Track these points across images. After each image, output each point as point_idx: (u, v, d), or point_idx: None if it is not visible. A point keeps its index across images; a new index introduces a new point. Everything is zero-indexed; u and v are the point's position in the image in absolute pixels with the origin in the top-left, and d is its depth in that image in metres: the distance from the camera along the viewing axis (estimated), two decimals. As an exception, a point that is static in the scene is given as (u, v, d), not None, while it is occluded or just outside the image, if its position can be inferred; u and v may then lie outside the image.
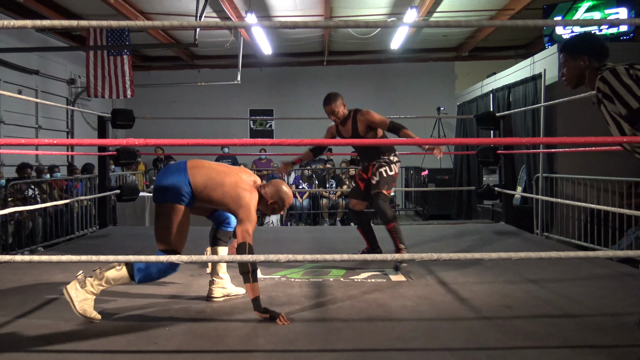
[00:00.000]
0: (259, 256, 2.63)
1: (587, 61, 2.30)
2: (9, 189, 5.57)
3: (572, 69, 2.35)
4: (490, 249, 4.31)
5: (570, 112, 6.34)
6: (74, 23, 2.14)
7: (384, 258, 2.24)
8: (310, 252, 4.29)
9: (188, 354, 2.17)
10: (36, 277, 3.37)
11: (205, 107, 12.06)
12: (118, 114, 5.31)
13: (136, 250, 4.30)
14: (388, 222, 3.76)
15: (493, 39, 10.88)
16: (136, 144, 2.07)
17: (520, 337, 2.30)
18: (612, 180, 5.33)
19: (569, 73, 2.37)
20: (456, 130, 10.86)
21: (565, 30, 7.28)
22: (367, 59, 12.02)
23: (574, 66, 2.34)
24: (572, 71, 2.36)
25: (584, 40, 2.39)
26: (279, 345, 2.24)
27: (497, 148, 5.37)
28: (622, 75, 2.14)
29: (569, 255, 2.69)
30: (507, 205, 5.69)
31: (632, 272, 3.50)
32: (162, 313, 2.67)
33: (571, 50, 2.35)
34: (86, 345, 2.25)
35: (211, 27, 8.01)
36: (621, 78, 2.14)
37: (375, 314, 2.65)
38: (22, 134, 8.66)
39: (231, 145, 2.80)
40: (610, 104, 2.20)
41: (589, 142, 4.79)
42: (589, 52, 2.29)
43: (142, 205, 7.24)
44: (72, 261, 2.17)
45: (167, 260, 2.15)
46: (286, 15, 8.96)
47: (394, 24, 8.71)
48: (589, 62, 2.30)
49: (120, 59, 8.49)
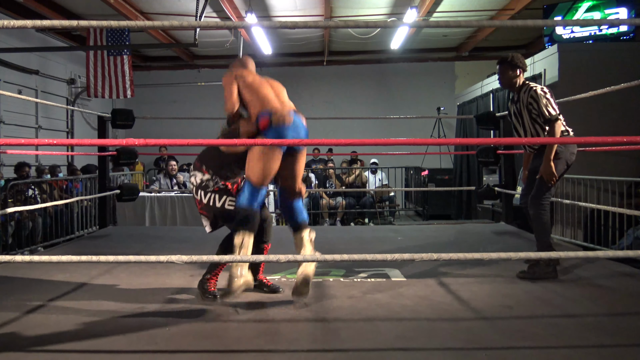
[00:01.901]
0: (259, 256, 2.63)
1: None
2: (9, 190, 5.57)
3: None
4: (490, 249, 4.31)
5: (571, 112, 6.32)
6: (74, 23, 2.14)
7: (384, 258, 2.23)
8: (310, 252, 4.28)
9: (188, 354, 2.17)
10: (36, 277, 3.36)
11: (205, 107, 12.03)
12: (118, 114, 5.31)
13: (136, 250, 4.30)
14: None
15: (493, 39, 10.88)
16: (136, 144, 2.07)
17: (520, 337, 2.30)
18: (612, 180, 5.33)
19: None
20: (456, 130, 10.86)
21: (565, 30, 7.28)
22: (367, 59, 12.01)
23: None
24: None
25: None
26: (279, 345, 2.24)
27: (497, 148, 5.37)
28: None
29: (569, 255, 2.70)
30: (507, 205, 5.68)
31: (632, 272, 3.50)
32: (162, 313, 2.67)
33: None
34: (86, 345, 2.25)
35: (211, 27, 8.02)
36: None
37: (375, 314, 2.65)
38: (22, 134, 8.66)
39: (231, 145, 2.80)
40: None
41: (589, 142, 4.79)
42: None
43: (142, 205, 7.24)
44: (72, 261, 2.18)
45: (169, 259, 2.15)
46: (286, 15, 8.95)
47: (394, 24, 8.71)
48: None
49: (120, 59, 8.49)
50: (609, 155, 6.08)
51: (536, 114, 3.34)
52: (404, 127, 11.74)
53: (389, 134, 11.00)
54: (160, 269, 3.54)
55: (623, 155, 6.13)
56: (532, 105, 3.34)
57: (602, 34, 7.07)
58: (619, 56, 6.57)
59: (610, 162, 6.09)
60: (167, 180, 7.99)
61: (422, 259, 2.21)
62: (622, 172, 5.60)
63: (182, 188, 7.80)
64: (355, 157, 10.22)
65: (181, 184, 7.95)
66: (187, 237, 5.10)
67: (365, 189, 9.25)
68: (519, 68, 3.43)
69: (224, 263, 2.88)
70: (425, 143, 3.53)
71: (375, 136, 10.91)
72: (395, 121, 11.66)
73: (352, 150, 9.92)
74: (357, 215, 9.20)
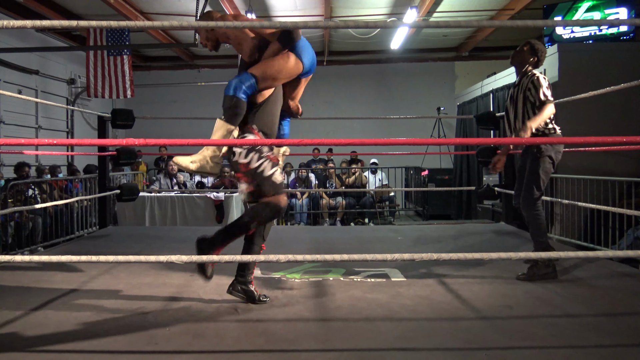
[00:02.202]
0: (259, 256, 2.63)
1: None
2: (9, 190, 5.57)
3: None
4: (490, 249, 4.31)
5: (570, 112, 6.34)
6: (74, 23, 2.14)
7: (384, 258, 2.23)
8: (310, 252, 4.29)
9: (188, 354, 2.17)
10: (36, 277, 3.37)
11: (205, 107, 12.03)
12: (118, 114, 5.31)
13: (136, 250, 4.30)
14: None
15: (493, 39, 10.88)
16: (136, 144, 2.07)
17: (520, 337, 2.30)
18: (612, 180, 5.32)
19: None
20: (456, 130, 10.86)
21: (565, 30, 7.28)
22: (367, 59, 12.01)
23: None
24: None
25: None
26: (279, 345, 2.24)
27: (497, 148, 5.36)
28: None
29: (569, 255, 2.69)
30: (507, 205, 5.68)
31: (632, 272, 3.50)
32: (162, 313, 2.67)
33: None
34: (86, 345, 2.25)
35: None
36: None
37: (375, 314, 2.65)
38: (22, 134, 8.66)
39: (231, 145, 2.80)
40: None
41: (589, 142, 4.79)
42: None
43: (142, 205, 7.24)
44: (72, 261, 2.18)
45: (169, 259, 2.15)
46: (286, 15, 8.96)
47: (394, 24, 8.71)
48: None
49: (120, 59, 8.50)
50: (609, 155, 6.08)
51: (532, 100, 3.40)
52: (404, 127, 11.74)
53: (389, 134, 11.00)
54: (160, 269, 3.54)
55: (623, 155, 6.14)
56: (530, 91, 3.41)
57: (602, 34, 7.07)
58: (619, 56, 6.58)
59: (610, 162, 6.09)
60: (167, 180, 7.99)
61: (422, 259, 2.21)
62: (622, 172, 5.60)
63: (182, 188, 7.80)
64: (355, 157, 10.23)
65: (181, 184, 7.95)
66: (187, 237, 5.08)
67: (365, 189, 9.26)
68: (537, 57, 3.52)
69: (255, 263, 2.83)
70: (425, 143, 3.53)
71: (375, 136, 10.92)
72: (395, 121, 11.66)
73: (352, 150, 9.93)
74: (357, 215, 9.20)
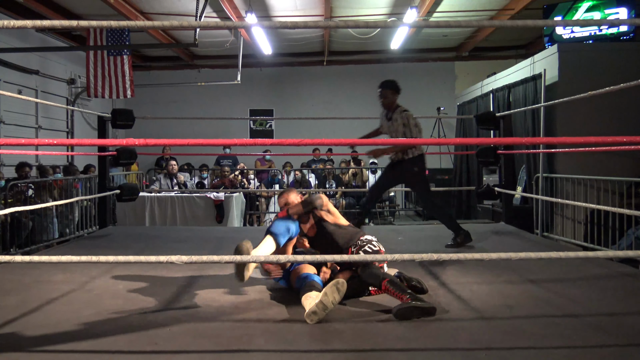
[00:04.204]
0: (259, 256, 2.63)
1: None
2: (9, 190, 5.57)
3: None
4: (490, 249, 4.31)
5: (570, 112, 6.34)
6: (74, 23, 2.14)
7: (384, 258, 2.24)
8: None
9: (188, 354, 2.17)
10: (36, 277, 3.36)
11: (205, 107, 12.06)
12: (118, 114, 5.31)
13: (136, 250, 4.30)
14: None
15: (493, 39, 10.88)
16: (136, 144, 2.07)
17: (520, 337, 2.30)
18: (612, 180, 5.33)
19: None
20: (456, 130, 10.86)
21: (565, 30, 7.28)
22: (367, 59, 12.01)
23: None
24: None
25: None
26: (279, 345, 2.24)
27: (497, 148, 5.37)
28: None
29: (569, 255, 2.69)
30: (507, 205, 5.68)
31: (632, 272, 3.50)
32: (162, 313, 2.67)
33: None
34: (86, 345, 2.25)
35: (211, 27, 8.01)
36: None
37: (375, 314, 2.65)
38: (22, 134, 8.66)
39: (232, 145, 2.80)
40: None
41: (589, 142, 4.79)
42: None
43: (142, 205, 7.24)
44: (72, 261, 2.18)
45: (169, 259, 2.15)
46: (286, 15, 8.96)
47: (394, 24, 8.71)
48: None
49: (120, 59, 8.49)
50: (609, 155, 6.09)
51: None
52: (404, 127, 11.72)
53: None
54: (160, 269, 3.54)
55: (623, 155, 6.14)
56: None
57: (602, 34, 7.07)
58: (619, 56, 6.58)
59: (610, 162, 6.09)
60: (167, 180, 7.99)
61: (422, 259, 2.21)
62: (622, 172, 5.60)
63: (183, 188, 7.80)
64: (356, 157, 10.23)
65: (181, 184, 7.94)
66: (187, 237, 5.10)
67: (365, 189, 9.25)
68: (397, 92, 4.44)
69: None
70: (425, 143, 3.53)
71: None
72: (395, 121, 11.64)
73: (352, 150, 9.93)
74: (357, 216, 9.18)
